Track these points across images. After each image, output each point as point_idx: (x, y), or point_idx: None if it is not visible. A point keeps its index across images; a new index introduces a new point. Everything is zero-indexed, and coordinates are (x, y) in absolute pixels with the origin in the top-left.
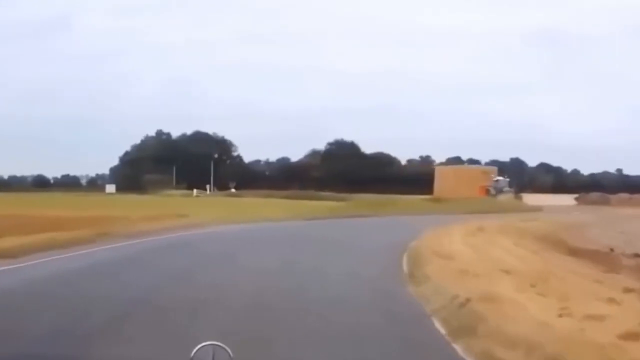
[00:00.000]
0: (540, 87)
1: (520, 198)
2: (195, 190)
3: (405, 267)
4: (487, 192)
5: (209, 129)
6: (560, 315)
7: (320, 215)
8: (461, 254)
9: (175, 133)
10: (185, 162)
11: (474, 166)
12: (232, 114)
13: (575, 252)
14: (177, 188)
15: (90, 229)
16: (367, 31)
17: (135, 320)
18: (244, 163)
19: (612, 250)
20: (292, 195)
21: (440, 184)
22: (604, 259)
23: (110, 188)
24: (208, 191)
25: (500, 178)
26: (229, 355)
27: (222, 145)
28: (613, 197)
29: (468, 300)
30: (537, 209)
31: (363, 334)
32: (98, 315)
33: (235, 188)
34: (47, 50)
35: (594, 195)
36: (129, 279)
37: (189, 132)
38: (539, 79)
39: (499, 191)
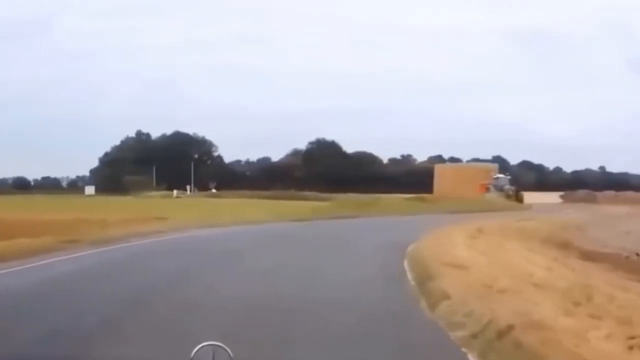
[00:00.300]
0: (522, 87)
1: (521, 197)
2: (175, 191)
3: (410, 278)
4: (487, 190)
5: (190, 130)
6: (631, 348)
7: (305, 217)
8: (474, 262)
9: (155, 134)
10: (166, 163)
11: (474, 164)
12: (213, 115)
13: (590, 257)
14: (157, 189)
15: (60, 234)
16: (347, 32)
17: None
18: (224, 163)
19: (638, 255)
20: (274, 196)
21: (440, 182)
22: (629, 266)
23: (90, 190)
24: (188, 192)
25: (501, 176)
26: (229, 355)
27: (203, 146)
28: (599, 195)
29: (510, 327)
30: (526, 207)
31: None
32: None
33: (216, 188)
34: (27, 52)
35: (581, 192)
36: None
37: (169, 132)
38: (522, 79)
39: (499, 189)
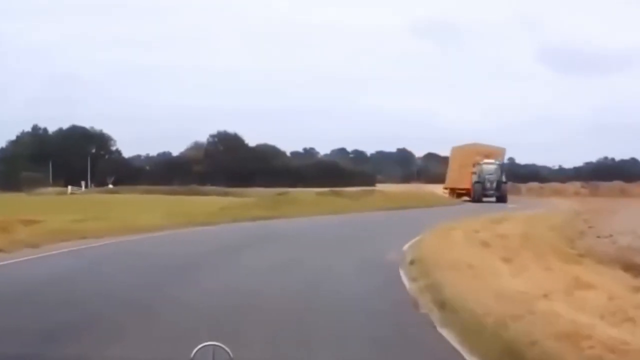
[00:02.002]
0: (428, 80)
1: (505, 191)
2: (69, 187)
3: None
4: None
5: (91, 125)
6: None
7: (211, 220)
8: None
9: (52, 128)
10: (62, 158)
11: (477, 145)
12: (115, 112)
13: None
14: (54, 185)
15: None
16: (245, 29)
17: None
18: (123, 158)
19: None
20: (173, 191)
21: (452, 169)
22: None
23: None
24: (83, 188)
25: (489, 161)
26: (229, 355)
27: (100, 140)
28: (523, 186)
29: None
30: (457, 202)
31: None
32: None
33: (114, 184)
34: None
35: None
36: None
37: (65, 127)
38: (427, 72)
39: (482, 180)
